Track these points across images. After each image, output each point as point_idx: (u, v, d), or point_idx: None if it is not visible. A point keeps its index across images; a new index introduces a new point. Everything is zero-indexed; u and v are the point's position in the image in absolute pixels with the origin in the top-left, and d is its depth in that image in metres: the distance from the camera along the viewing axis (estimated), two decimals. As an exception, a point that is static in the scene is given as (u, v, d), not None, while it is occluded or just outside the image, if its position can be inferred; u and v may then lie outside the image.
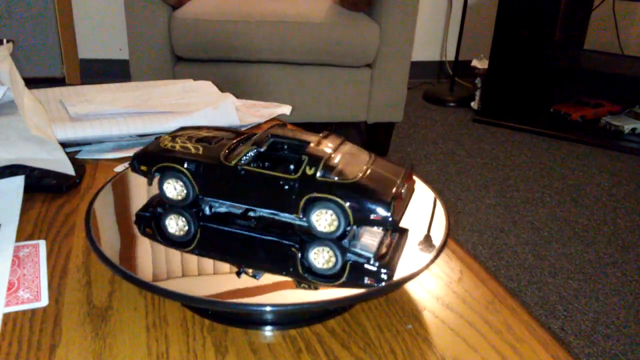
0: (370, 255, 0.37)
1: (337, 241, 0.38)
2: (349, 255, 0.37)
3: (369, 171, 0.38)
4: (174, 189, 0.40)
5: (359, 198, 0.35)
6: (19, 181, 0.48)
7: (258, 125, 0.68)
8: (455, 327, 0.36)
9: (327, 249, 0.37)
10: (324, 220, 0.37)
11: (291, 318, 0.35)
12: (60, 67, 2.28)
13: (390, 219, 0.35)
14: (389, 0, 1.49)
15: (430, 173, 1.66)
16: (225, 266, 0.36)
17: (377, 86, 1.58)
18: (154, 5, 1.43)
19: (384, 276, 0.35)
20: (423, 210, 0.44)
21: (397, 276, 0.35)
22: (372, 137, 1.74)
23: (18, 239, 0.43)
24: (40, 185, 0.50)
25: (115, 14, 2.24)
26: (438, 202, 0.44)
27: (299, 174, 0.37)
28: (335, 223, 0.36)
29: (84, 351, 0.32)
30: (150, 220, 0.40)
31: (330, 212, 0.36)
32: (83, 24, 2.24)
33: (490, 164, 1.75)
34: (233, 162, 0.38)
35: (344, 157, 0.39)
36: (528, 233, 1.36)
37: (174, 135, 0.43)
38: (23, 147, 0.49)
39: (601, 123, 2.06)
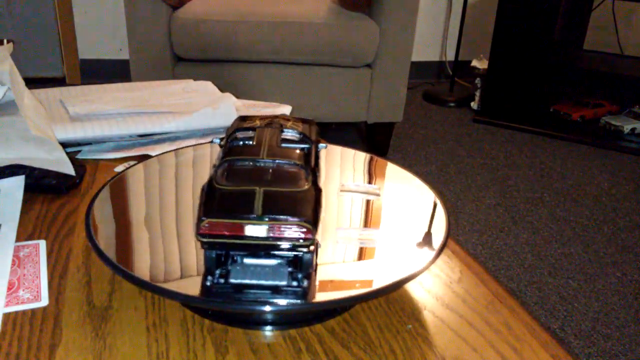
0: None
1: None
2: None
3: None
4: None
5: None
6: (19, 181, 0.48)
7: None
8: (456, 327, 0.36)
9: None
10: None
11: (291, 318, 0.35)
12: (60, 67, 2.28)
13: None
14: (388, 0, 1.49)
15: (430, 173, 1.66)
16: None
17: (377, 86, 1.58)
18: (154, 5, 1.43)
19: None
20: (423, 210, 0.44)
21: (397, 276, 0.35)
22: (372, 137, 1.74)
23: (18, 239, 0.43)
24: (41, 185, 0.50)
25: (116, 14, 2.24)
26: (438, 202, 0.44)
27: None
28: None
29: (84, 351, 0.32)
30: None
31: None
32: (83, 24, 2.24)
33: (490, 164, 1.75)
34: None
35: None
36: (528, 233, 1.36)
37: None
38: (23, 147, 0.49)
39: (601, 123, 2.06)
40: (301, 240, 0.32)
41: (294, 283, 0.33)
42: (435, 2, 2.54)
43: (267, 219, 0.32)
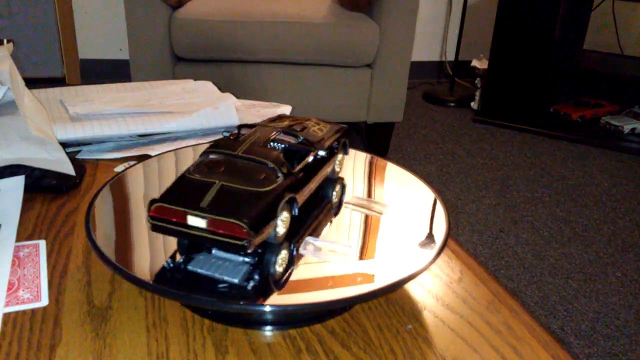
0: None
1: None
2: None
3: None
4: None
5: None
6: (19, 181, 0.48)
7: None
8: (455, 327, 0.36)
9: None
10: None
11: (291, 318, 0.35)
12: (60, 67, 2.28)
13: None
14: (389, 0, 1.49)
15: (430, 173, 1.66)
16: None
17: (377, 86, 1.58)
18: (154, 5, 1.43)
19: None
20: (423, 210, 0.44)
21: (397, 276, 0.35)
22: (372, 137, 1.74)
23: (18, 239, 0.43)
24: (41, 185, 0.50)
25: (116, 14, 2.24)
26: (438, 202, 0.44)
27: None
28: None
29: (84, 351, 0.32)
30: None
31: None
32: (83, 24, 2.24)
33: (490, 164, 1.75)
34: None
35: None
36: (528, 233, 1.36)
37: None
38: (23, 147, 0.49)
39: (601, 123, 2.06)
40: (237, 240, 0.32)
41: (248, 283, 0.33)
42: (435, 2, 2.54)
43: (209, 213, 0.32)
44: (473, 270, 0.42)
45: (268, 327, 0.35)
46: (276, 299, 0.33)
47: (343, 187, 0.46)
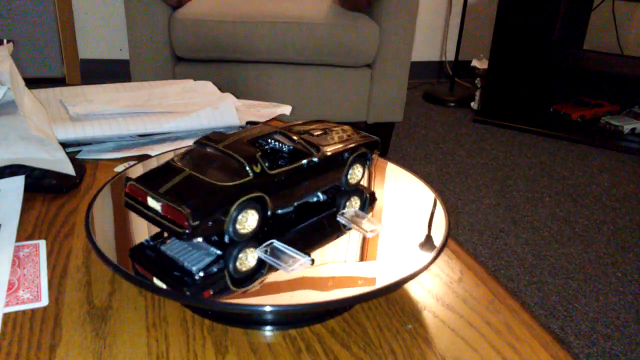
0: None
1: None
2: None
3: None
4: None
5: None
6: (19, 181, 0.48)
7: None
8: (455, 327, 0.36)
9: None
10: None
11: (291, 318, 0.35)
12: (60, 67, 2.28)
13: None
14: (388, 0, 1.49)
15: (430, 173, 1.66)
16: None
17: (377, 86, 1.58)
18: (154, 5, 1.43)
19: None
20: (423, 210, 0.44)
21: (397, 276, 0.35)
22: (372, 137, 1.74)
23: (18, 239, 0.43)
24: (41, 185, 0.50)
25: (116, 14, 2.24)
26: (438, 202, 0.44)
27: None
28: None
29: (84, 351, 0.32)
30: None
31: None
32: (83, 24, 2.24)
33: (490, 164, 1.75)
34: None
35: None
36: (528, 233, 1.36)
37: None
38: (23, 147, 0.49)
39: (601, 123, 2.06)
40: (179, 228, 0.33)
41: (202, 273, 0.33)
42: (435, 2, 2.54)
43: (163, 198, 0.34)
44: (473, 270, 0.42)
45: (268, 327, 0.35)
46: (276, 299, 0.33)
47: (349, 198, 0.44)
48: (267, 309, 0.32)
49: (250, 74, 1.52)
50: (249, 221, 0.36)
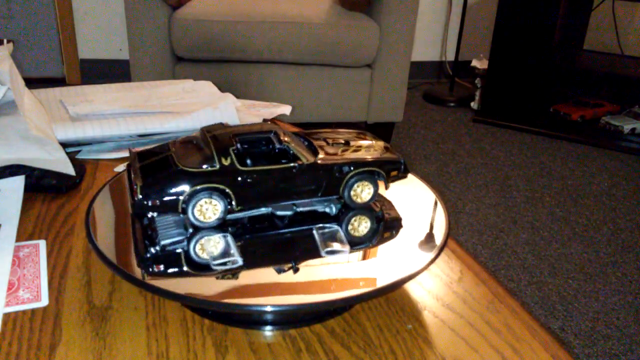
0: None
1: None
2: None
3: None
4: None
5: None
6: (19, 181, 0.48)
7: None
8: (455, 327, 0.36)
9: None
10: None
11: (291, 318, 0.35)
12: (60, 67, 2.28)
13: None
14: (389, 0, 1.49)
15: (430, 173, 1.66)
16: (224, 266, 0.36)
17: (377, 86, 1.58)
18: (154, 5, 1.43)
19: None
20: (423, 210, 0.43)
21: (397, 276, 0.35)
22: (372, 137, 1.74)
23: (18, 239, 0.43)
24: (41, 186, 0.50)
25: (116, 14, 2.24)
26: (438, 202, 0.44)
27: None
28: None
29: (84, 351, 0.32)
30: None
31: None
32: (83, 24, 2.24)
33: (490, 164, 1.75)
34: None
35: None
36: (528, 233, 1.36)
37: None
38: (23, 147, 0.49)
39: (601, 123, 2.06)
40: (132, 198, 0.36)
41: (162, 249, 0.36)
42: (435, 2, 2.54)
43: (135, 173, 0.37)
44: (473, 270, 0.42)
45: (268, 327, 0.35)
46: (277, 299, 0.33)
47: (353, 217, 0.41)
48: (268, 308, 0.32)
49: (250, 74, 1.52)
50: (209, 210, 0.37)
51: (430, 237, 0.40)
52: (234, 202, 0.37)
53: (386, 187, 0.42)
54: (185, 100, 0.70)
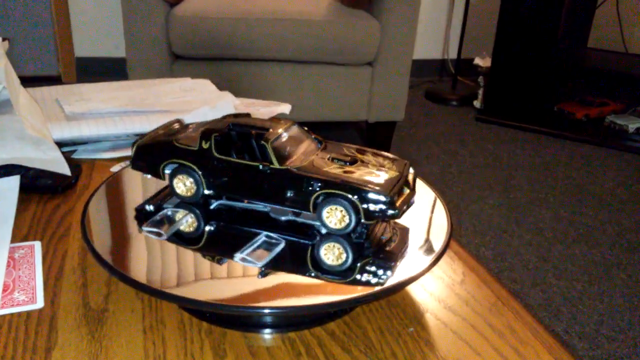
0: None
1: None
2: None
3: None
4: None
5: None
6: (14, 181, 0.48)
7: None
8: (458, 330, 0.35)
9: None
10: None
11: (291, 321, 0.35)
12: (56, 66, 2.28)
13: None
14: (390, -1, 1.48)
15: (432, 173, 1.65)
16: (224, 267, 0.36)
17: (378, 85, 1.57)
18: (151, 2, 1.43)
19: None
20: (425, 210, 0.43)
21: (398, 278, 0.34)
22: (373, 136, 1.73)
23: (13, 240, 0.43)
24: (36, 186, 0.49)
25: (112, 12, 2.23)
26: (440, 203, 0.43)
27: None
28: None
29: (80, 354, 0.32)
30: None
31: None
32: (79, 22, 2.24)
33: (493, 163, 1.75)
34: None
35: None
36: (532, 234, 1.35)
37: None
38: (18, 146, 0.49)
39: (606, 122, 2.05)
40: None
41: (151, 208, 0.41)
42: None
43: (138, 140, 0.42)
44: (476, 272, 0.42)
45: (267, 330, 0.34)
46: (276, 301, 0.32)
47: (321, 243, 0.37)
48: (266, 311, 0.31)
49: (250, 72, 1.51)
50: (183, 185, 0.40)
51: (432, 238, 0.39)
52: (204, 184, 0.39)
53: (363, 224, 0.36)
54: (183, 98, 0.69)
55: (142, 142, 0.41)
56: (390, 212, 0.35)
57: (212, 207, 0.41)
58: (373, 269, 0.35)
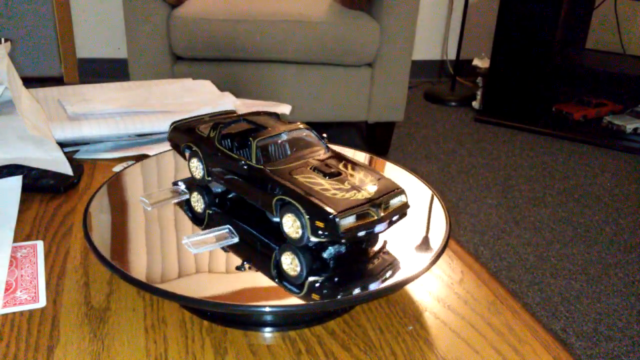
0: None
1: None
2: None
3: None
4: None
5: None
6: (16, 181, 0.48)
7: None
8: (457, 329, 0.36)
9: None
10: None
11: (291, 319, 0.35)
12: (58, 67, 2.28)
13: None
14: None
15: (431, 173, 1.65)
16: (224, 267, 0.36)
17: (377, 85, 1.57)
18: (152, 3, 1.43)
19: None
20: (424, 210, 0.43)
21: (398, 277, 0.35)
22: (373, 136, 1.73)
23: (16, 240, 0.43)
24: (38, 186, 0.49)
25: (114, 13, 2.23)
26: (439, 203, 0.44)
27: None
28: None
29: (82, 352, 0.32)
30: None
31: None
32: (81, 23, 2.24)
33: (491, 163, 1.75)
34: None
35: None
36: (530, 233, 1.35)
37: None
38: (21, 147, 0.49)
39: (603, 123, 2.05)
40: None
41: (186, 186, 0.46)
42: (436, 1, 2.53)
43: (171, 127, 0.47)
44: (474, 271, 0.42)
45: (267, 329, 0.35)
46: (276, 300, 0.32)
47: (282, 252, 0.36)
48: (267, 310, 0.31)
49: (250, 73, 1.52)
50: (195, 167, 0.44)
51: (431, 237, 0.39)
52: (203, 169, 0.42)
53: (308, 240, 0.34)
54: (184, 99, 0.69)
55: (178, 123, 0.46)
56: (330, 233, 0.33)
57: (215, 191, 0.44)
58: (324, 288, 0.33)
